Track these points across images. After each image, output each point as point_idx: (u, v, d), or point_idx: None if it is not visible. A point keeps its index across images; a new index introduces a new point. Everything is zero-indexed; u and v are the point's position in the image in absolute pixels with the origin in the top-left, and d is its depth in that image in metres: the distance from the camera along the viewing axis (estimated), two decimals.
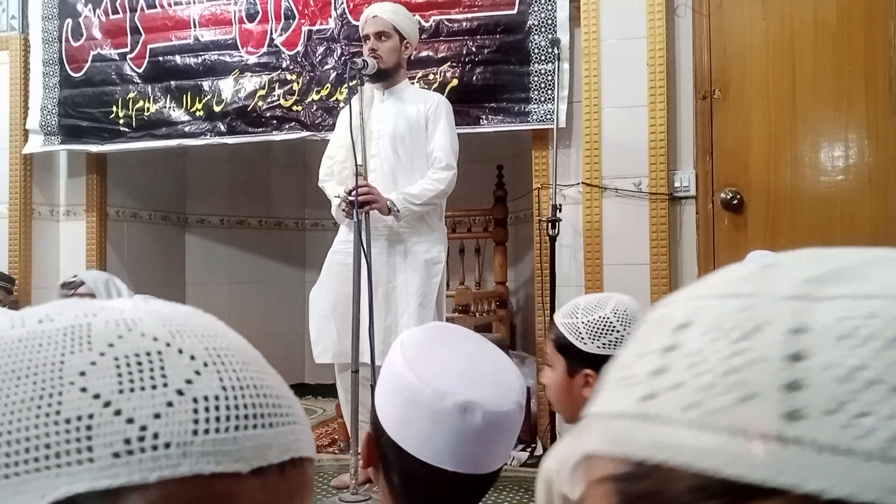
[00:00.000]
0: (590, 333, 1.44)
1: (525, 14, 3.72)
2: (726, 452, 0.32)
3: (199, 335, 0.42)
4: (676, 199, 3.56)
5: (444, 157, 3.19)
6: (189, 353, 0.40)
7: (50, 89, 4.59)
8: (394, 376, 0.93)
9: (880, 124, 3.31)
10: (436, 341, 0.99)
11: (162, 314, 0.43)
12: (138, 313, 0.42)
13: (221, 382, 0.40)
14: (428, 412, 0.90)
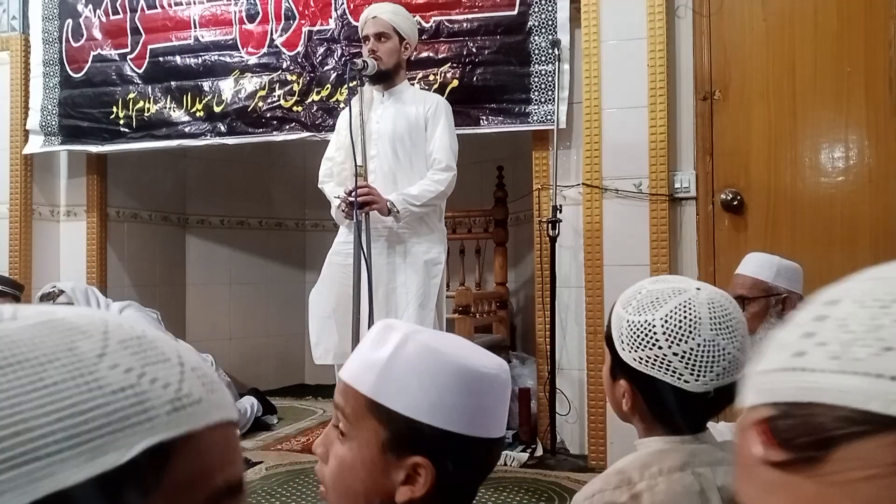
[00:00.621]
0: (631, 339, 1.16)
1: (525, 15, 3.72)
2: (867, 391, 0.40)
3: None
4: (677, 199, 3.56)
5: (444, 158, 3.19)
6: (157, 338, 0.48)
7: (50, 90, 4.59)
8: (437, 365, 0.91)
9: (880, 125, 3.31)
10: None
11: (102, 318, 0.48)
12: (87, 314, 0.47)
13: (192, 356, 0.49)
14: (485, 388, 0.93)
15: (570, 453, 3.69)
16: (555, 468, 3.49)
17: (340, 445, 0.96)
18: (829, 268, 3.24)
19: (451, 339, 0.99)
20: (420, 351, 0.92)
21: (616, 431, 3.54)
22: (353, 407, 0.94)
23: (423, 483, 0.91)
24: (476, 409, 0.92)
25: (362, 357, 0.95)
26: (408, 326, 0.96)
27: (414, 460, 0.91)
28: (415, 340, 0.92)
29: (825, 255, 3.28)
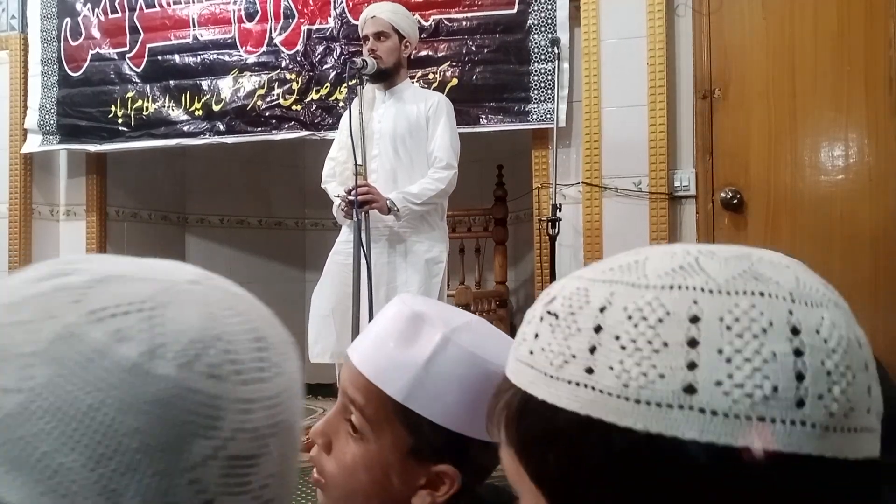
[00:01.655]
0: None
1: (525, 13, 3.72)
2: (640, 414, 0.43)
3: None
4: (676, 198, 3.56)
5: (445, 156, 3.18)
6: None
7: (48, 89, 4.58)
8: (480, 374, 0.83)
9: (880, 124, 3.31)
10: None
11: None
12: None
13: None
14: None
15: None
16: None
17: (353, 443, 0.88)
18: (829, 267, 3.24)
19: (488, 335, 0.90)
20: (462, 357, 0.84)
21: None
22: (375, 408, 0.85)
23: (447, 491, 0.86)
24: None
25: (390, 354, 0.85)
26: (441, 319, 0.86)
27: (439, 468, 0.85)
28: (455, 344, 0.84)
29: (825, 254, 3.28)
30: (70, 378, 0.42)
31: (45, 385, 0.42)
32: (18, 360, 0.42)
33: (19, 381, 0.42)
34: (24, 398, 0.42)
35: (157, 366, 0.43)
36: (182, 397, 0.43)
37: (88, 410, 0.41)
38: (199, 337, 0.44)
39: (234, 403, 0.44)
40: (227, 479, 0.44)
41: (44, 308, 0.44)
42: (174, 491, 0.42)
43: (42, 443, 0.41)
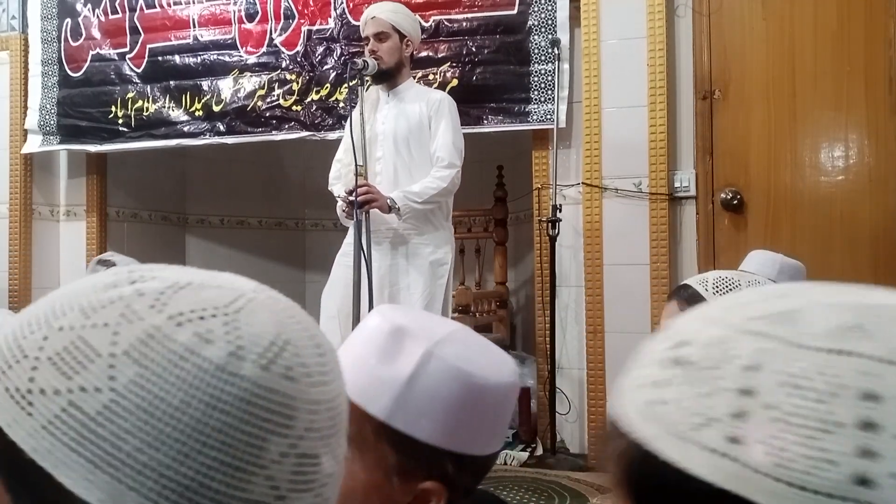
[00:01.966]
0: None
1: (525, 14, 3.72)
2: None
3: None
4: (676, 199, 3.56)
5: (447, 155, 3.15)
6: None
7: (49, 89, 4.58)
8: (465, 390, 0.82)
9: (880, 124, 3.31)
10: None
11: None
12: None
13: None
14: (507, 403, 0.86)
15: (570, 452, 3.69)
16: (555, 467, 3.49)
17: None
18: (829, 267, 3.24)
19: (472, 345, 0.88)
20: (446, 372, 0.81)
21: None
22: (357, 428, 0.80)
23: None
24: (495, 427, 0.86)
25: (371, 371, 0.83)
26: (424, 332, 0.84)
27: (425, 486, 0.82)
28: (439, 358, 0.81)
29: (825, 255, 3.28)
30: (155, 379, 0.44)
31: (128, 385, 0.44)
32: (101, 361, 0.44)
33: (103, 382, 0.44)
34: (107, 398, 0.44)
35: (241, 367, 0.45)
36: (262, 397, 0.45)
37: (175, 410, 0.43)
38: (274, 341, 0.47)
39: (305, 404, 0.47)
40: (296, 476, 0.46)
41: (122, 313, 0.46)
42: (251, 487, 0.44)
43: (126, 442, 0.43)
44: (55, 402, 0.44)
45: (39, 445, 0.44)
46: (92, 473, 0.43)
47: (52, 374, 0.45)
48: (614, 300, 3.57)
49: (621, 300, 3.55)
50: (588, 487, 3.22)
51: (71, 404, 0.44)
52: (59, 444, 0.43)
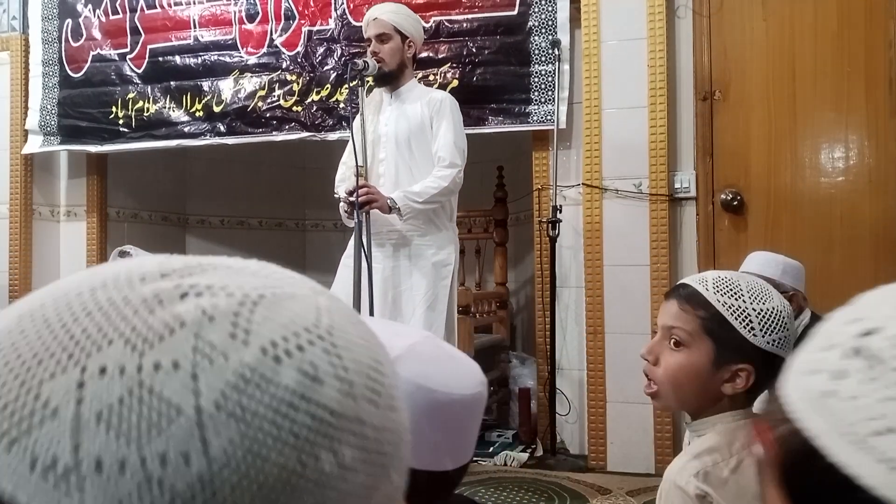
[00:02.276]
0: (763, 325, 1.23)
1: (525, 15, 3.72)
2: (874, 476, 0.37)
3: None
4: (677, 200, 3.56)
5: (448, 155, 3.14)
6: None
7: (49, 89, 4.58)
8: (427, 406, 0.80)
9: (880, 125, 3.31)
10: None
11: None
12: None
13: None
14: (474, 414, 0.85)
15: (570, 453, 3.69)
16: (555, 468, 3.49)
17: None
18: (829, 268, 3.24)
19: (435, 358, 0.86)
20: (405, 390, 0.77)
21: (616, 431, 3.55)
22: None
23: None
24: (461, 441, 0.85)
25: None
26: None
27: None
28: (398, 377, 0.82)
29: (825, 256, 3.28)
30: (257, 437, 0.33)
31: (226, 455, 0.32)
32: (185, 423, 0.32)
33: (194, 449, 0.32)
34: (204, 471, 0.32)
35: (358, 410, 0.36)
36: (379, 435, 0.38)
37: (276, 474, 0.33)
38: (372, 365, 0.39)
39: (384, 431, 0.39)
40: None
41: (194, 347, 0.33)
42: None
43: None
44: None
45: None
46: None
47: (103, 439, 0.32)
48: (614, 301, 3.57)
49: (621, 301, 3.55)
50: (588, 488, 3.22)
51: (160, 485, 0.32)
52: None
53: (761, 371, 1.25)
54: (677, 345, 1.28)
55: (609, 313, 3.58)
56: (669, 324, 1.30)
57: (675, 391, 1.30)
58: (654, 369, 1.33)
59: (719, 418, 1.29)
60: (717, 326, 1.24)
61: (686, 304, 1.28)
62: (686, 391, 1.29)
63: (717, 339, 1.25)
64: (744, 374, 1.24)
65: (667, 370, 1.30)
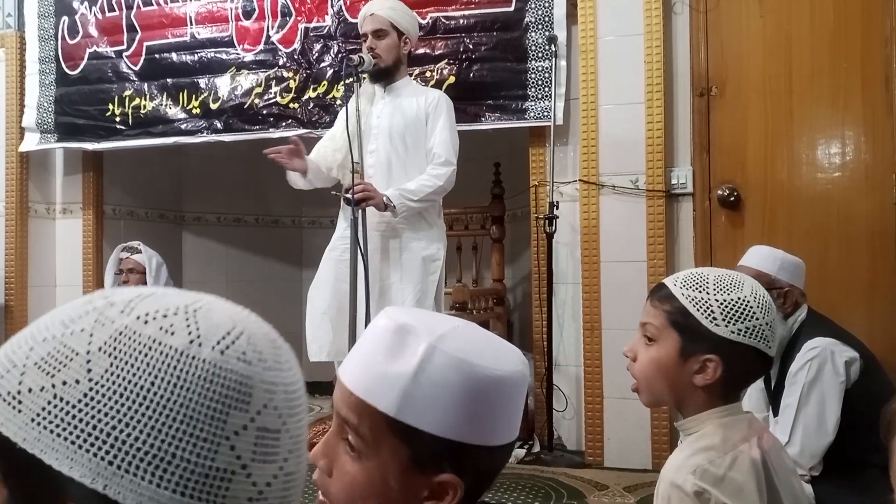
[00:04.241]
0: (725, 314, 1.26)
1: (522, 11, 3.72)
2: None
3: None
4: (674, 196, 3.56)
5: (444, 153, 3.15)
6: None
7: (46, 87, 4.58)
8: (470, 380, 0.83)
9: (877, 121, 3.32)
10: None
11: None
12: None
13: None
14: (514, 393, 0.87)
15: (567, 449, 3.70)
16: (552, 464, 3.50)
17: (352, 462, 0.87)
18: (826, 263, 3.25)
19: (476, 339, 0.89)
20: (450, 364, 0.83)
21: (613, 427, 3.55)
22: (370, 425, 0.84)
23: (451, 500, 0.85)
24: (505, 417, 0.87)
25: (378, 370, 0.85)
26: (426, 328, 0.86)
27: (441, 478, 0.84)
28: (442, 352, 0.83)
29: (822, 252, 3.28)
30: (126, 367, 0.50)
31: (104, 375, 0.50)
32: (78, 359, 0.51)
33: (81, 374, 0.50)
34: (86, 387, 0.50)
35: (200, 352, 0.51)
36: (220, 376, 0.51)
37: (145, 391, 0.50)
38: (230, 331, 0.53)
39: (261, 384, 0.53)
40: (258, 448, 0.52)
41: (95, 319, 0.53)
42: (217, 457, 0.50)
43: (104, 423, 0.49)
44: (41, 398, 0.50)
45: (28, 436, 0.50)
46: (75, 453, 0.49)
47: (38, 375, 0.51)
48: (611, 297, 3.57)
49: (618, 297, 3.55)
50: (585, 484, 3.23)
51: (55, 397, 0.50)
52: (46, 432, 0.50)
53: (730, 361, 1.28)
54: (649, 340, 1.33)
55: (606, 310, 3.58)
56: (644, 321, 1.36)
57: (650, 385, 1.35)
58: (633, 365, 1.38)
59: (707, 415, 1.30)
60: (682, 318, 1.29)
61: (656, 300, 1.34)
62: (658, 384, 1.33)
63: (682, 331, 1.29)
64: (711, 365, 1.27)
65: (640, 365, 1.36)
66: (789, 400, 2.29)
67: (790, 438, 2.24)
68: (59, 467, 0.49)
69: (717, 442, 1.25)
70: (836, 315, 2.57)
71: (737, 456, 1.22)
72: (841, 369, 2.26)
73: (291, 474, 0.55)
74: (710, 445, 1.25)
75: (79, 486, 0.49)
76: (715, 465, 1.21)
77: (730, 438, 1.26)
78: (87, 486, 0.49)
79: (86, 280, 4.65)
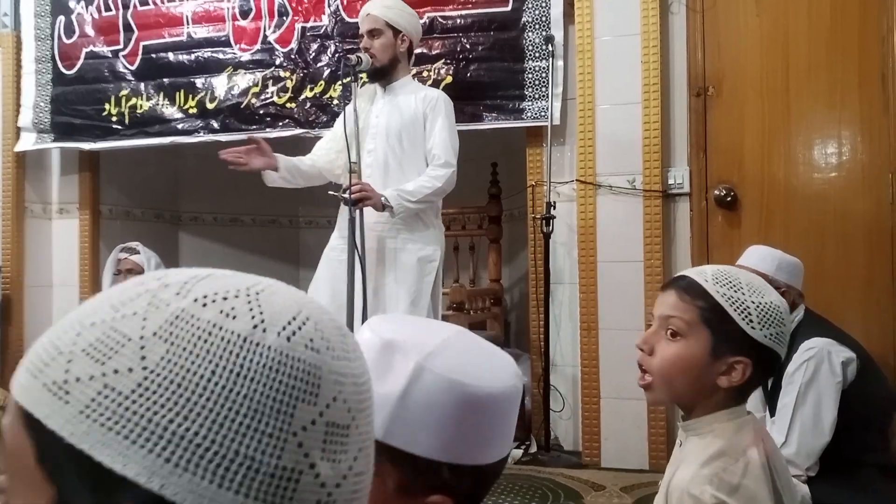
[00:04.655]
0: (761, 318, 1.23)
1: (519, 11, 3.72)
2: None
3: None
4: (670, 196, 3.56)
5: (443, 153, 3.13)
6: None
7: (42, 87, 4.57)
8: (460, 400, 0.79)
9: (873, 121, 3.32)
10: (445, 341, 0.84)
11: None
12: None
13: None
14: (507, 408, 0.83)
15: (564, 449, 3.69)
16: (549, 464, 3.49)
17: None
18: (823, 263, 3.25)
19: (467, 352, 0.85)
20: (439, 385, 0.79)
21: (610, 428, 3.55)
22: None
23: None
24: (498, 435, 0.84)
25: None
26: (414, 345, 0.82)
27: (431, 500, 0.80)
28: (430, 371, 0.79)
29: (819, 250, 3.28)
30: (184, 353, 0.46)
31: (159, 363, 0.46)
32: (131, 345, 0.47)
33: (135, 362, 0.46)
34: (140, 376, 0.46)
35: (264, 338, 0.48)
36: (287, 364, 0.47)
37: (204, 381, 0.46)
38: (296, 316, 0.50)
39: (330, 374, 0.49)
40: (326, 445, 0.48)
41: (149, 302, 0.49)
42: (283, 454, 0.46)
43: (160, 415, 0.45)
44: (91, 387, 0.46)
45: (77, 429, 0.46)
46: (128, 448, 0.45)
47: (87, 363, 0.47)
48: (608, 297, 3.57)
49: (615, 297, 3.55)
50: (582, 485, 3.23)
51: (106, 387, 0.46)
52: (96, 425, 0.45)
53: (757, 365, 1.24)
54: (674, 335, 1.27)
55: (603, 310, 3.58)
56: (667, 313, 1.29)
57: (670, 382, 1.29)
58: (650, 360, 1.31)
59: (715, 417, 1.27)
60: (716, 317, 1.23)
61: (685, 295, 1.27)
62: (681, 383, 1.28)
63: (716, 331, 1.24)
64: (740, 367, 1.23)
65: (662, 361, 1.28)
66: (786, 400, 2.29)
67: (787, 438, 2.24)
68: (111, 465, 0.45)
69: (727, 448, 1.22)
70: (832, 314, 2.57)
71: (748, 462, 1.20)
72: (837, 369, 2.26)
73: (361, 474, 0.51)
74: (721, 452, 1.22)
75: (132, 486, 0.45)
76: (729, 473, 1.18)
77: (740, 443, 1.23)
78: (142, 485, 0.45)
79: (82, 280, 4.64)
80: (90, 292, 4.60)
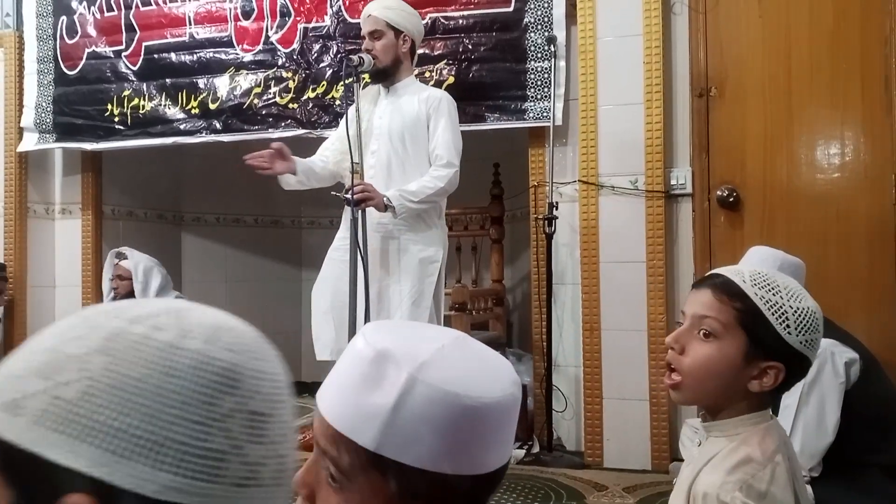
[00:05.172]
0: (798, 324, 1.20)
1: (521, 11, 3.72)
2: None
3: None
4: (673, 196, 3.56)
5: (446, 154, 3.13)
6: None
7: (44, 87, 4.57)
8: (453, 411, 0.78)
9: (876, 121, 3.31)
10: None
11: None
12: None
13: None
14: (504, 418, 0.82)
15: (567, 450, 3.69)
16: (551, 465, 3.49)
17: (334, 494, 0.82)
18: (825, 264, 3.25)
19: (463, 360, 0.83)
20: (432, 397, 0.77)
21: (612, 428, 3.55)
22: (350, 461, 0.79)
23: None
24: (495, 445, 0.82)
25: (355, 402, 0.80)
26: (407, 356, 0.80)
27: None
28: (423, 383, 0.78)
29: (821, 252, 3.28)
30: (120, 362, 0.54)
31: (99, 371, 0.54)
32: (75, 360, 0.54)
33: (78, 373, 0.54)
34: (84, 385, 0.53)
35: (190, 343, 0.56)
36: (210, 363, 0.55)
37: (138, 381, 0.53)
38: (217, 326, 0.59)
39: (249, 371, 0.57)
40: (249, 430, 0.56)
41: (90, 326, 0.57)
42: (210, 438, 0.54)
43: (102, 415, 0.53)
44: (41, 399, 0.53)
45: (30, 437, 0.53)
46: (77, 446, 0.52)
47: (37, 381, 0.54)
48: (611, 298, 3.57)
49: (618, 298, 3.55)
50: (585, 485, 3.23)
51: (55, 397, 0.53)
52: (47, 430, 0.52)
53: (789, 371, 1.22)
54: (707, 335, 1.24)
55: (605, 310, 3.58)
56: (701, 313, 1.26)
57: (701, 384, 1.26)
58: (680, 359, 1.28)
59: (741, 421, 1.25)
60: (753, 320, 1.21)
61: (722, 295, 1.24)
62: (712, 385, 1.25)
63: (752, 334, 1.22)
64: (773, 372, 1.21)
65: (695, 361, 1.25)
66: (789, 400, 2.28)
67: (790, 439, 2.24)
68: (63, 462, 0.52)
69: (755, 454, 1.20)
70: (835, 315, 2.56)
71: (774, 468, 1.19)
72: (841, 370, 2.26)
73: (283, 457, 0.59)
74: (748, 458, 1.20)
75: (80, 477, 0.52)
76: (757, 479, 1.17)
77: (767, 449, 1.21)
78: (91, 475, 0.52)
79: (85, 280, 4.64)
80: (92, 293, 4.61)
